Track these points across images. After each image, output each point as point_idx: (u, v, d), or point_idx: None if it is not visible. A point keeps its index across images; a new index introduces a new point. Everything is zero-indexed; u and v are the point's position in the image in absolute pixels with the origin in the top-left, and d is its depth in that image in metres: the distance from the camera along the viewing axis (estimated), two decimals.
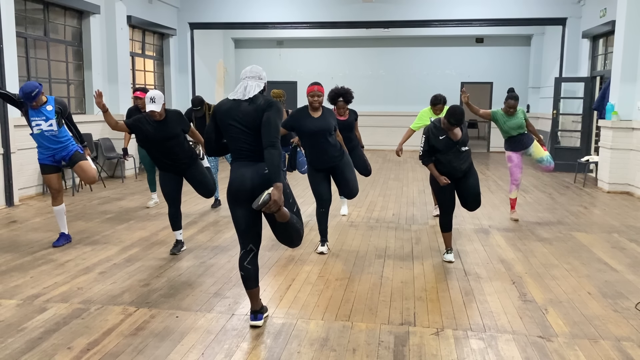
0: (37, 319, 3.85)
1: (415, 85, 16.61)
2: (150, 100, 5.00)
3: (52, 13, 9.58)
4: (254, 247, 3.70)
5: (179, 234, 5.54)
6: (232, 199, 3.67)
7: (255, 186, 3.53)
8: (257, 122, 3.51)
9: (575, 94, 12.17)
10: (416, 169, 12.12)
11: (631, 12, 9.13)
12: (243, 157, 3.61)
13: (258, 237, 3.72)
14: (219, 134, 3.74)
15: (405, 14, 13.09)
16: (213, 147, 3.81)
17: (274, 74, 17.19)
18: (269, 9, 13.43)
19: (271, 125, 3.46)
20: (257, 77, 3.65)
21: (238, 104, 3.58)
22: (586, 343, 3.55)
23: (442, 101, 6.95)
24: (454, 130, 5.08)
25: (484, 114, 6.88)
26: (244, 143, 3.57)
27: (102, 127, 10.52)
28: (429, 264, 5.22)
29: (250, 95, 3.56)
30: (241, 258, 3.72)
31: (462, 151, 5.14)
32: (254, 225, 3.67)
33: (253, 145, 3.56)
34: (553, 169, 7.07)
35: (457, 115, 4.93)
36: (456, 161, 5.12)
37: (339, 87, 6.32)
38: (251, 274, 3.71)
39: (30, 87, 5.32)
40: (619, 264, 5.28)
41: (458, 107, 5.01)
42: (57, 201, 5.76)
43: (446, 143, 5.08)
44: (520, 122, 6.71)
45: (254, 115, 3.52)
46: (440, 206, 5.38)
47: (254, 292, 3.77)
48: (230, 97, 3.63)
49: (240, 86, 3.62)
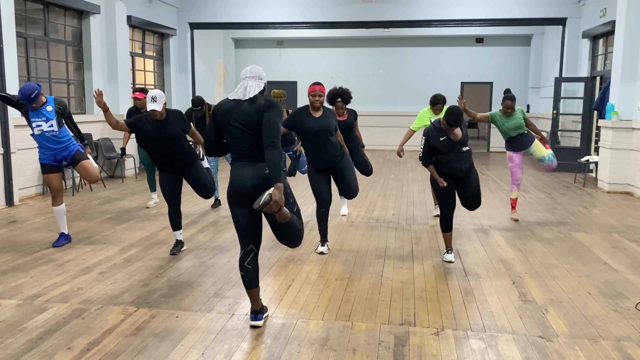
0: (37, 319, 3.85)
1: (415, 85, 16.61)
2: (152, 99, 5.00)
3: (52, 13, 9.58)
4: (254, 248, 3.71)
5: (179, 234, 5.54)
6: (232, 199, 3.68)
7: (256, 186, 3.53)
8: (257, 122, 3.51)
9: (575, 94, 12.17)
10: (416, 169, 12.12)
11: (631, 12, 9.13)
12: (243, 158, 3.61)
13: (258, 238, 3.72)
14: (219, 134, 3.74)
15: (405, 14, 13.10)
16: (213, 147, 3.81)
17: (274, 74, 17.19)
18: (269, 9, 13.43)
19: (271, 126, 3.46)
20: (257, 77, 3.64)
21: (238, 104, 3.58)
22: (586, 343, 3.55)
23: (441, 101, 6.93)
24: (454, 131, 5.08)
25: (482, 118, 6.86)
26: (244, 143, 3.57)
27: (102, 127, 10.52)
28: (429, 264, 5.22)
29: (250, 95, 3.56)
30: (241, 258, 3.72)
31: (463, 151, 5.14)
32: (254, 226, 3.67)
33: (253, 145, 3.56)
34: (556, 167, 6.98)
35: (456, 116, 4.94)
36: (457, 162, 5.13)
37: (337, 87, 6.33)
38: (251, 274, 3.71)
39: (30, 89, 5.31)
40: (619, 264, 5.28)
41: (456, 107, 5.02)
42: (57, 201, 5.76)
43: (447, 144, 5.08)
44: (519, 123, 6.69)
45: (254, 116, 3.52)
46: (440, 206, 5.39)
47: (254, 292, 3.77)
48: (231, 97, 3.63)
49: (240, 86, 3.62)
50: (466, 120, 5.41)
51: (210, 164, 7.62)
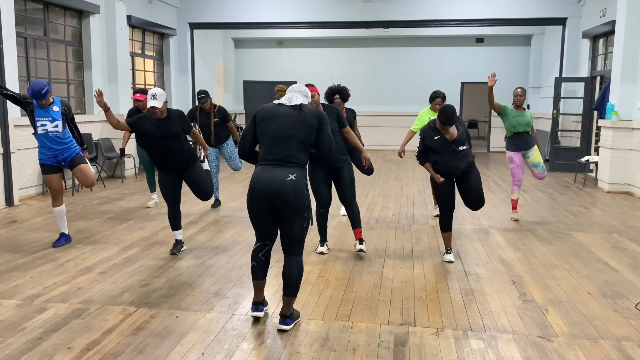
0: (37, 319, 3.85)
1: (415, 85, 16.61)
2: (152, 97, 5.00)
3: (52, 13, 9.58)
4: (269, 242, 3.82)
5: (178, 234, 5.54)
6: (253, 200, 3.68)
7: (277, 191, 3.55)
8: (300, 128, 3.65)
9: (575, 94, 12.17)
10: (416, 169, 12.12)
11: (631, 12, 9.13)
12: (273, 161, 3.65)
13: (275, 232, 3.82)
14: (255, 137, 3.82)
15: (405, 14, 13.09)
16: (247, 149, 3.88)
17: (274, 74, 17.21)
18: (269, 9, 13.43)
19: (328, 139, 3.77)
20: (303, 93, 3.81)
21: (283, 109, 3.72)
22: (586, 343, 3.55)
23: (440, 95, 6.89)
24: (448, 130, 5.06)
25: (497, 105, 6.84)
26: (279, 147, 3.64)
27: (102, 126, 10.52)
28: (429, 264, 5.21)
29: (294, 103, 3.72)
30: (256, 250, 3.82)
31: (459, 151, 5.10)
32: (272, 224, 3.75)
33: (286, 149, 3.63)
34: (544, 177, 7.15)
35: (447, 114, 4.92)
36: (454, 161, 5.10)
37: (335, 85, 6.32)
38: (262, 265, 3.82)
39: (40, 85, 5.38)
40: (619, 264, 5.28)
41: (449, 106, 5.00)
42: (57, 202, 5.76)
43: (441, 143, 5.07)
44: (529, 120, 6.85)
45: (299, 119, 3.65)
46: (440, 205, 5.38)
47: (260, 284, 3.84)
48: (275, 102, 3.79)
49: (287, 97, 3.77)
50: (467, 118, 5.38)
51: (211, 164, 7.64)
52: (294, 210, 3.59)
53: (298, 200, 3.58)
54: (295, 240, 3.69)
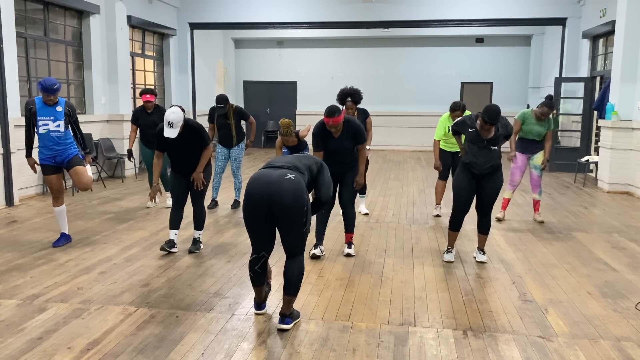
0: (37, 319, 3.85)
1: (415, 86, 16.60)
2: (169, 125, 5.00)
3: (52, 13, 9.58)
4: (266, 254, 3.79)
5: (174, 233, 5.50)
6: (249, 203, 3.63)
7: (275, 191, 3.53)
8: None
9: (575, 94, 12.17)
10: (416, 169, 12.13)
11: (631, 12, 9.13)
12: (270, 168, 3.71)
13: (272, 244, 3.78)
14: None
15: (405, 14, 13.09)
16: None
17: (274, 74, 17.22)
18: (269, 9, 13.43)
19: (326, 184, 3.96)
20: None
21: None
22: (586, 343, 3.55)
23: (460, 108, 6.77)
24: (487, 129, 4.95)
25: (517, 130, 6.75)
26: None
27: (102, 127, 10.53)
28: (429, 264, 5.21)
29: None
30: (252, 262, 3.80)
31: (489, 149, 5.00)
32: (269, 234, 3.72)
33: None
34: (538, 183, 6.99)
35: (491, 114, 4.80)
36: (479, 156, 5.01)
37: (347, 87, 6.29)
38: (260, 275, 3.82)
39: (52, 81, 5.50)
40: (619, 264, 5.28)
41: (494, 105, 4.84)
42: (58, 202, 5.77)
43: (474, 136, 5.03)
44: (542, 131, 6.72)
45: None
46: (453, 205, 5.23)
47: (261, 288, 3.88)
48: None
49: None
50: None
51: (217, 164, 7.68)
52: (292, 214, 3.52)
53: (297, 202, 3.52)
54: (296, 245, 3.69)
